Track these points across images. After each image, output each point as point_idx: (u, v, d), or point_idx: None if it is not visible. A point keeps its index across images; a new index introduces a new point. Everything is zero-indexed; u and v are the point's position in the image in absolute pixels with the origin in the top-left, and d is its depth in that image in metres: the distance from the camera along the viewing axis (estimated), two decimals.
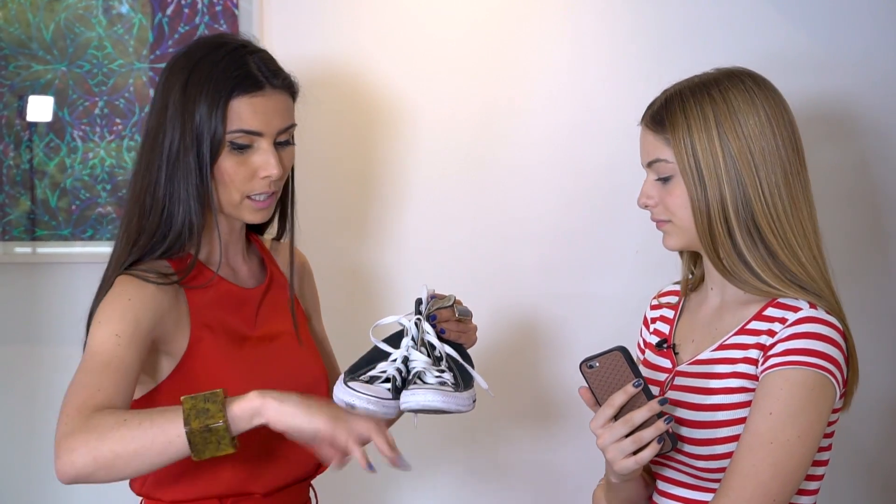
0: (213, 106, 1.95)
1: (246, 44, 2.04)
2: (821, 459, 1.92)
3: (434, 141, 2.74)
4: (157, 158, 1.97)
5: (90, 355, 1.86)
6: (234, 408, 1.75)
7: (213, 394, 1.75)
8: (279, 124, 2.00)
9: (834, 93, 2.75)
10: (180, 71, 1.99)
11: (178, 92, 1.97)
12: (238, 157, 1.97)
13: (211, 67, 1.97)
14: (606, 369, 1.82)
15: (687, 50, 2.71)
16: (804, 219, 1.90)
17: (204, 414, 1.73)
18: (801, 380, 1.80)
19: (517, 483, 2.81)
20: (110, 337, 1.86)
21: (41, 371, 2.74)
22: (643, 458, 1.79)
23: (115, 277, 1.95)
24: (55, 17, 2.63)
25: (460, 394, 1.91)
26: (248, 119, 1.96)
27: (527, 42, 2.73)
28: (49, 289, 2.72)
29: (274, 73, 2.01)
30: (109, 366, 1.83)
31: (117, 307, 1.90)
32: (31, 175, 2.66)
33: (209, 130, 1.95)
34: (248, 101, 1.96)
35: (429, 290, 2.04)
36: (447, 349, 2.00)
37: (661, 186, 1.94)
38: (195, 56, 2.00)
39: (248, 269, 2.13)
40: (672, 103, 1.92)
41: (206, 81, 1.96)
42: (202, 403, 1.74)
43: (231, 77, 1.96)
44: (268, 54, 2.04)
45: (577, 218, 2.77)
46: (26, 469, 2.76)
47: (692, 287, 2.09)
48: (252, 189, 2.00)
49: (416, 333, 1.98)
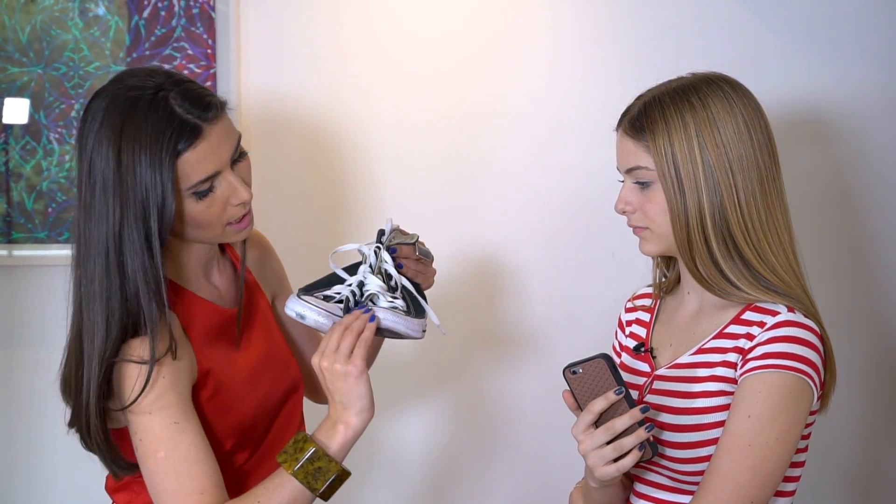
0: (156, 173, 1.81)
1: (160, 84, 1.86)
2: (797, 461, 1.93)
3: (412, 143, 2.74)
4: (102, 242, 1.84)
5: (164, 454, 1.85)
6: (337, 451, 1.87)
7: (314, 453, 1.85)
8: (229, 152, 1.90)
9: (810, 95, 2.76)
10: (108, 142, 1.83)
11: (112, 167, 1.82)
12: (204, 202, 1.88)
13: (138, 132, 1.82)
14: (589, 376, 1.83)
15: (665, 51, 2.72)
16: (779, 226, 1.91)
17: (320, 473, 1.86)
18: (779, 383, 1.81)
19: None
20: (170, 427, 1.85)
21: (20, 373, 2.73)
22: (624, 465, 1.80)
23: (102, 371, 1.85)
24: (31, 19, 2.62)
25: (411, 318, 1.94)
26: (200, 168, 1.85)
27: (506, 45, 2.73)
28: (26, 292, 2.71)
29: (203, 106, 1.86)
30: (189, 457, 1.85)
31: (155, 389, 1.85)
32: (7, 177, 2.65)
33: (157, 200, 1.82)
34: (194, 151, 1.84)
35: (393, 223, 2.04)
36: (403, 280, 2.01)
37: (639, 193, 1.94)
38: (115, 123, 1.83)
39: (227, 279, 2.10)
40: (651, 109, 1.91)
41: (139, 149, 1.81)
42: (310, 466, 1.85)
43: (165, 135, 1.82)
44: (187, 84, 1.88)
45: (555, 220, 2.78)
46: (7, 469, 2.75)
47: (667, 290, 2.10)
48: (230, 217, 1.93)
49: (374, 261, 1.99)
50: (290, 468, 1.85)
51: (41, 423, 2.71)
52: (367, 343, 1.87)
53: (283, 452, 1.87)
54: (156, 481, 1.86)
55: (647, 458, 1.82)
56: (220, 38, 2.64)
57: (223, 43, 2.64)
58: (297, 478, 1.84)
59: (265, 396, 2.04)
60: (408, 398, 2.81)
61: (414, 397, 2.82)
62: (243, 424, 1.99)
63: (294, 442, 1.87)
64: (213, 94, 1.91)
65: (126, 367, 1.86)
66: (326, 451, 1.86)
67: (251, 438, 2.02)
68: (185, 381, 1.90)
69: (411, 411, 2.82)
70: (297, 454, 1.86)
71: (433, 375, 2.81)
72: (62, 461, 2.73)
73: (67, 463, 2.72)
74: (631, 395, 1.83)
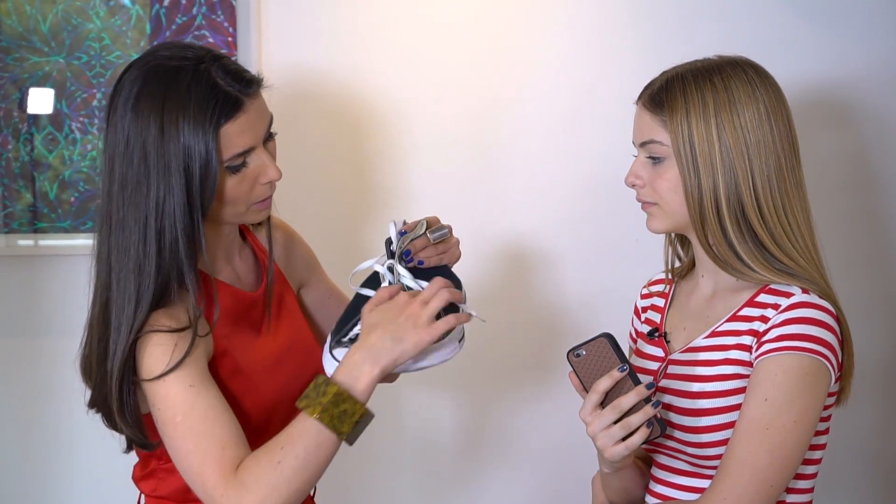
0: (200, 142, 1.83)
1: (200, 56, 1.89)
2: (818, 443, 1.91)
3: (432, 134, 2.73)
4: (142, 210, 1.85)
5: (181, 417, 1.82)
6: (361, 393, 1.80)
7: (337, 395, 1.78)
8: (264, 129, 1.93)
9: (832, 80, 2.74)
10: (149, 111, 1.84)
11: (154, 135, 1.83)
12: (237, 177, 1.90)
13: (182, 101, 1.84)
14: (593, 357, 1.82)
15: (684, 37, 2.70)
16: (796, 213, 1.89)
17: (346, 416, 1.78)
18: (795, 365, 1.80)
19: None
20: (185, 390, 1.83)
21: (42, 364, 2.74)
22: (633, 443, 1.79)
23: (132, 342, 1.86)
24: (53, 8, 2.63)
25: (443, 345, 1.87)
26: (238, 141, 1.87)
27: (524, 34, 2.72)
28: (51, 281, 2.73)
29: (245, 82, 1.89)
30: (207, 417, 1.82)
31: (172, 358, 1.84)
32: (32, 168, 2.67)
33: (201, 168, 1.84)
34: (234, 124, 1.86)
35: (397, 225, 1.98)
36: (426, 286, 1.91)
37: (651, 167, 1.93)
38: (156, 92, 1.85)
39: (247, 265, 2.11)
40: (672, 86, 1.91)
41: (183, 118, 1.83)
42: (335, 409, 1.77)
43: (209, 106, 1.84)
44: (226, 59, 1.91)
45: (577, 209, 2.76)
46: (27, 462, 2.77)
47: (681, 274, 2.09)
48: (257, 197, 1.95)
49: (392, 279, 1.94)
50: (315, 412, 1.77)
51: (64, 413, 2.73)
52: (448, 325, 1.83)
53: (305, 397, 1.80)
54: (176, 446, 1.83)
55: (655, 436, 1.81)
56: (241, 26, 2.64)
57: (244, 31, 2.64)
58: (322, 422, 1.77)
59: (286, 383, 2.03)
60: (435, 390, 2.80)
61: (442, 388, 2.81)
62: (262, 411, 1.99)
63: (315, 385, 1.80)
64: (249, 72, 1.93)
65: (148, 340, 1.85)
66: (351, 392, 1.79)
67: (271, 427, 2.01)
68: (200, 353, 1.88)
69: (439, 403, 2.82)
70: (319, 398, 1.78)
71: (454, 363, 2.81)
72: (85, 451, 2.75)
73: (90, 453, 2.73)
74: (636, 372, 1.82)
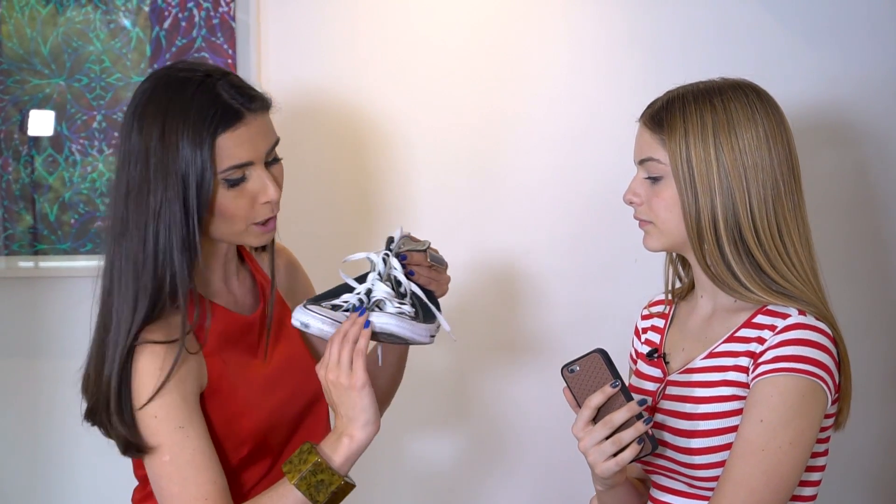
0: (196, 150, 1.87)
1: (210, 71, 1.94)
2: (816, 465, 1.91)
3: (432, 150, 2.74)
4: (143, 215, 1.88)
5: (169, 458, 1.87)
6: (341, 464, 1.88)
7: (316, 464, 1.86)
8: (265, 147, 1.95)
9: (832, 100, 2.75)
10: (153, 118, 1.89)
11: (156, 141, 1.88)
12: (234, 191, 1.92)
13: (184, 109, 1.88)
14: (586, 372, 1.82)
15: (685, 57, 2.71)
16: (793, 236, 1.89)
17: (322, 486, 1.87)
18: (791, 387, 1.79)
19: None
20: (175, 431, 1.87)
21: (43, 384, 2.75)
22: (623, 459, 1.79)
23: (128, 346, 1.89)
24: (54, 31, 2.64)
25: (417, 323, 1.92)
26: (236, 153, 1.90)
27: (524, 52, 2.73)
28: (51, 303, 2.73)
29: (248, 97, 1.93)
30: (193, 463, 1.87)
31: (161, 392, 1.87)
32: (32, 190, 2.67)
33: (196, 176, 1.87)
34: (232, 135, 1.89)
35: (403, 230, 2.02)
36: (413, 287, 1.98)
37: (649, 186, 1.94)
38: (163, 99, 1.90)
39: (245, 288, 2.11)
40: (673, 105, 1.92)
41: (183, 125, 1.87)
42: (313, 478, 1.86)
43: (208, 115, 1.88)
44: (234, 76, 1.96)
45: (577, 226, 2.77)
46: (28, 482, 2.77)
47: (681, 296, 2.09)
48: (256, 216, 1.96)
49: (383, 268, 1.97)
50: (293, 478, 1.86)
51: (66, 434, 2.73)
52: (364, 353, 1.87)
53: (289, 462, 1.88)
54: (161, 484, 1.89)
55: (647, 453, 1.81)
56: (241, 47, 2.65)
57: (243, 52, 2.65)
58: (299, 489, 1.86)
59: (283, 405, 2.04)
60: (428, 406, 2.80)
61: (434, 405, 2.81)
62: (258, 431, 1.99)
63: (299, 452, 1.89)
64: (257, 90, 1.97)
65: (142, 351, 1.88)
66: (329, 463, 1.87)
67: (269, 447, 2.03)
68: (191, 384, 1.91)
69: (430, 420, 2.82)
70: (300, 465, 1.87)
71: (454, 381, 2.81)
72: (86, 472, 2.75)
73: (91, 474, 2.73)
74: (628, 389, 1.82)
